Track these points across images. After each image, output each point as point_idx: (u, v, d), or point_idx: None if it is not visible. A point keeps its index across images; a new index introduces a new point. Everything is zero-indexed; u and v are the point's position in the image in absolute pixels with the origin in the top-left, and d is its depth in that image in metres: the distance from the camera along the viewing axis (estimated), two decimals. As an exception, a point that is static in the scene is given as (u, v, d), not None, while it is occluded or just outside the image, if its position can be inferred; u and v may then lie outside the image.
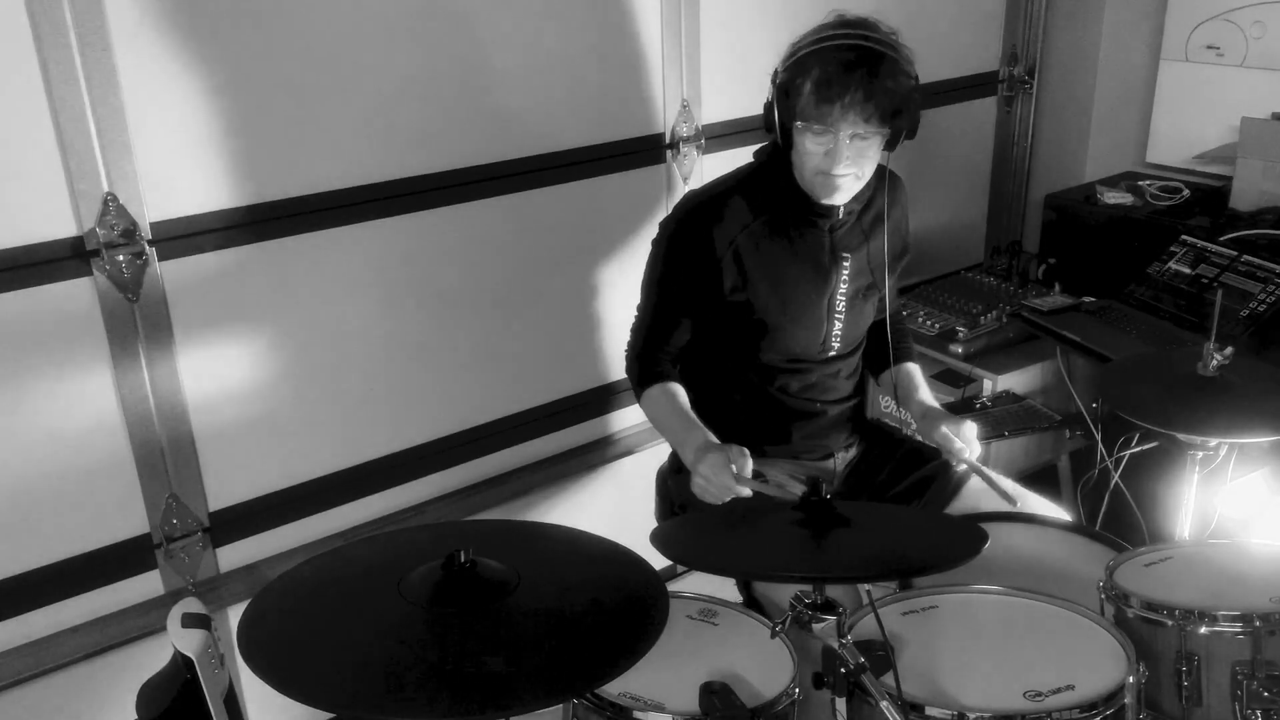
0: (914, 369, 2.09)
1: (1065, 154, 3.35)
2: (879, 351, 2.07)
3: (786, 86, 1.75)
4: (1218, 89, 2.93)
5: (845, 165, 1.76)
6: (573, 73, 2.27)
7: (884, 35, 1.74)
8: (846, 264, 1.93)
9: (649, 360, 1.96)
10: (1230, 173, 2.83)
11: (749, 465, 1.73)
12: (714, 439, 1.82)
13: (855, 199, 1.87)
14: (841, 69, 1.68)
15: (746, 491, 1.71)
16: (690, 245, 1.89)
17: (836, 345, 1.97)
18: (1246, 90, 2.86)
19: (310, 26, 1.92)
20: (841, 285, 1.94)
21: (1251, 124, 2.77)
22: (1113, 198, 2.94)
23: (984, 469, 1.86)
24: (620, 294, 2.49)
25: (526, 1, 2.16)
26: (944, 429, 1.87)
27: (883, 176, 1.93)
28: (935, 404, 2.00)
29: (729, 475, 1.71)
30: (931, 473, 1.99)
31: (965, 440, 1.86)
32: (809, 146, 1.76)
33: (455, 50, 2.10)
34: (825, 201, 1.84)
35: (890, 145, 1.79)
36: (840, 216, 1.88)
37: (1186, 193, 2.92)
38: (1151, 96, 3.09)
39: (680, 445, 1.89)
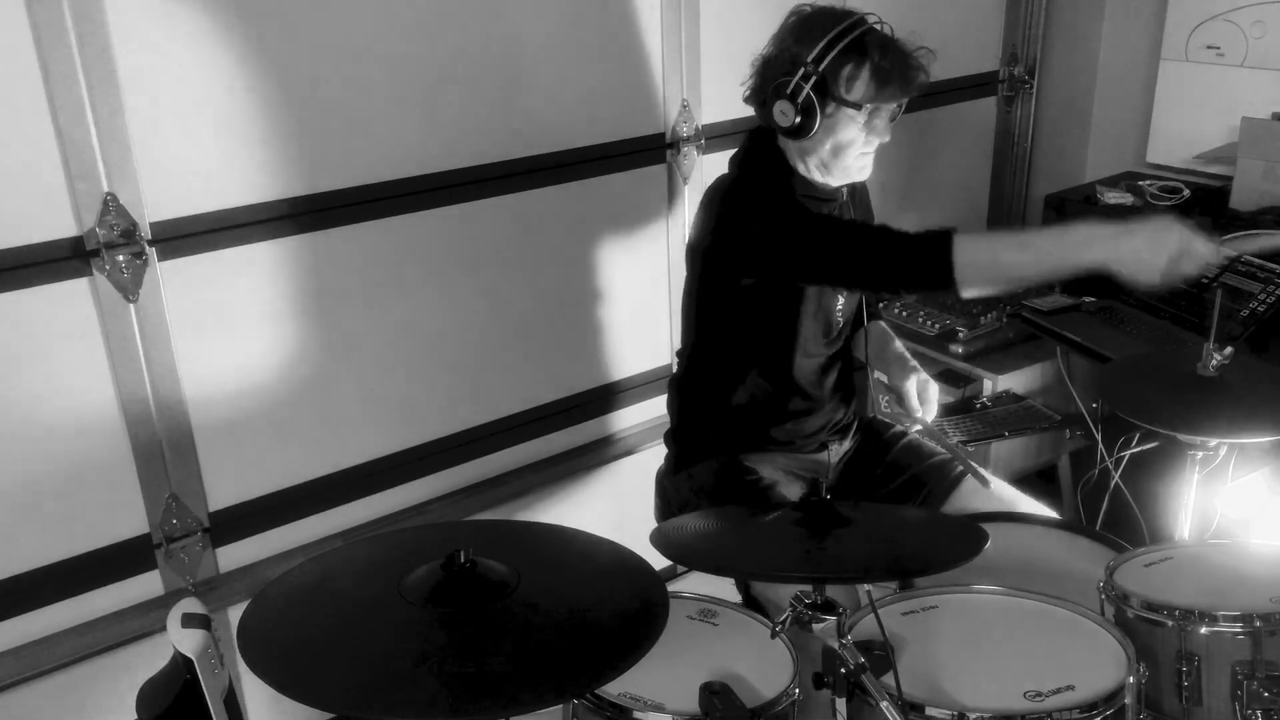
0: (884, 325, 2.15)
1: (1065, 154, 3.35)
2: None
3: (831, 75, 1.76)
4: (1218, 89, 2.93)
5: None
6: (573, 73, 2.27)
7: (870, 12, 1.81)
8: None
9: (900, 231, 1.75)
10: (1230, 173, 2.83)
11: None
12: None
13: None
14: (892, 51, 1.76)
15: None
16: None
17: (838, 327, 2.01)
18: (1246, 90, 2.86)
19: (310, 27, 1.92)
20: None
21: (1251, 124, 2.77)
22: (1113, 198, 2.94)
23: (943, 439, 1.87)
24: (620, 294, 2.49)
25: (527, 3, 2.16)
26: (907, 385, 1.93)
27: None
28: (908, 355, 2.05)
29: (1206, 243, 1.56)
30: (925, 473, 2.00)
31: (924, 400, 1.91)
32: (852, 133, 1.80)
33: (453, 51, 2.10)
34: (860, 179, 1.90)
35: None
36: (844, 197, 1.94)
37: (1187, 193, 2.92)
38: (1151, 96, 3.09)
39: (1088, 241, 1.59)
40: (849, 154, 1.83)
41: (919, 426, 1.89)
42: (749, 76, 1.88)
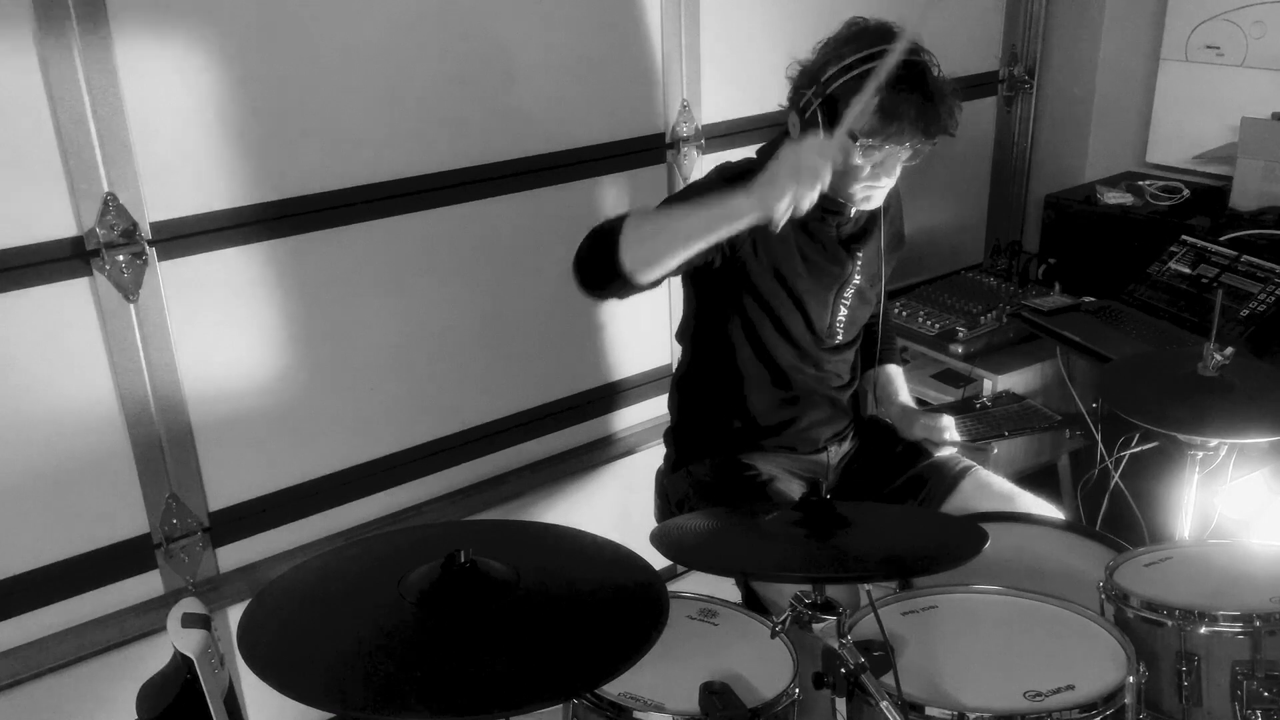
0: (896, 371, 2.16)
1: (1065, 154, 3.35)
2: (867, 350, 2.13)
3: (841, 99, 1.70)
4: (1218, 89, 2.93)
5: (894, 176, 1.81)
6: (573, 73, 2.27)
7: (922, 47, 1.76)
8: (860, 257, 1.97)
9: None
10: (1230, 173, 2.83)
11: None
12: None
13: None
14: (909, 91, 1.69)
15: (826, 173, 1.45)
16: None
17: (840, 335, 2.01)
18: (1246, 90, 2.86)
19: (311, 27, 1.92)
20: (855, 278, 1.98)
21: (1251, 124, 2.77)
22: (1113, 198, 2.94)
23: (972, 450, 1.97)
24: (620, 294, 2.49)
25: (528, 3, 2.16)
26: (922, 421, 2.01)
27: None
28: (912, 403, 2.12)
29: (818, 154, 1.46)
30: (926, 470, 2.01)
31: (944, 428, 2.00)
32: (857, 160, 1.77)
33: (454, 51, 2.10)
34: (864, 208, 1.88)
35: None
36: (851, 215, 1.92)
37: (1186, 193, 2.92)
38: (1151, 96, 3.09)
39: (724, 200, 1.52)
40: (852, 182, 1.81)
41: (953, 450, 2.02)
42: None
